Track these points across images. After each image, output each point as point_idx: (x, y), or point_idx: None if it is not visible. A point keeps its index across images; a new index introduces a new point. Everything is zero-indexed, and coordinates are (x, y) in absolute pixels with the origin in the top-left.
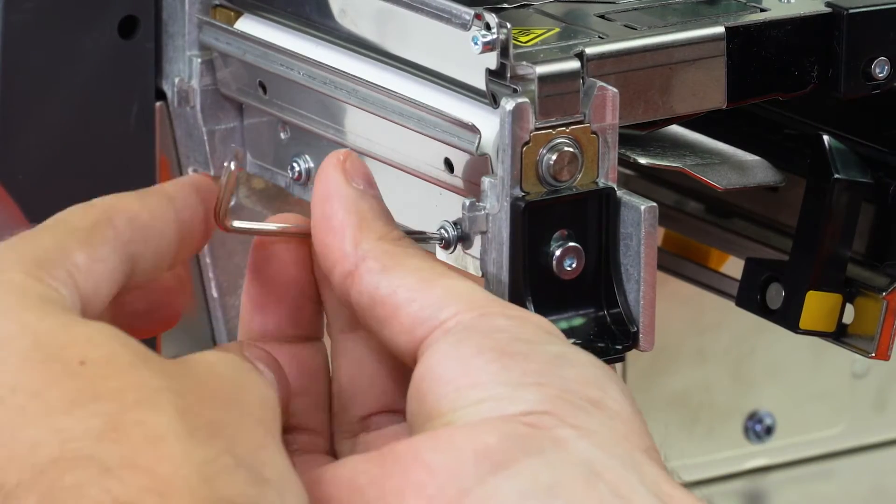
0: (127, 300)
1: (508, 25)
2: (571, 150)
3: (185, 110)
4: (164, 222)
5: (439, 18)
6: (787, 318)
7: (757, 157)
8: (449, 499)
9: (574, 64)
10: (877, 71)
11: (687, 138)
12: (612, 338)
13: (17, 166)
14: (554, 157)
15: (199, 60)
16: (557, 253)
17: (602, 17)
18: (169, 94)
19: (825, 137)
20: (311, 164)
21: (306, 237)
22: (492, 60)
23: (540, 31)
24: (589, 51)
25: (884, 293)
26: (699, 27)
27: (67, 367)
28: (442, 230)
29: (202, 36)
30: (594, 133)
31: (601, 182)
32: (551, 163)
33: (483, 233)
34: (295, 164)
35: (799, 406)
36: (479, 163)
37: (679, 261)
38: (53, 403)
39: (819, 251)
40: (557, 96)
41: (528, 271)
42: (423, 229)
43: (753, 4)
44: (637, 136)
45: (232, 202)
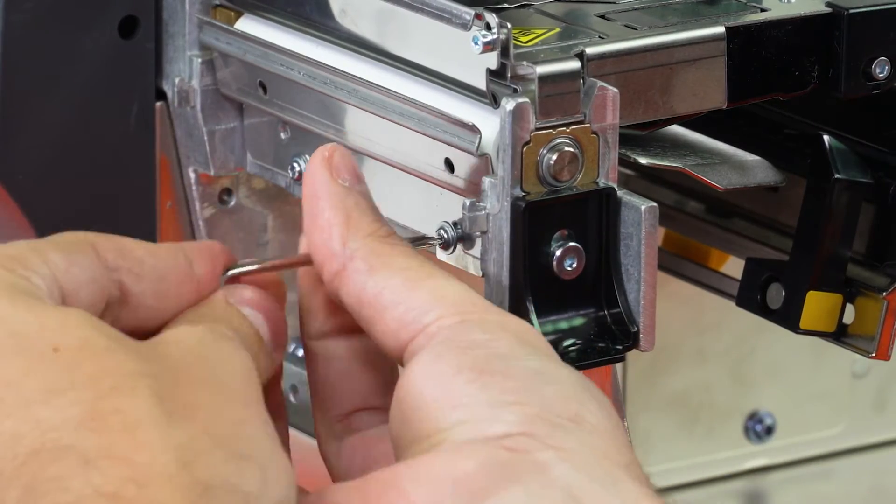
0: None
1: (509, 25)
2: (572, 150)
3: (185, 110)
4: (166, 264)
5: (440, 18)
6: (788, 318)
7: (757, 157)
8: None
9: (574, 64)
10: (877, 71)
11: (687, 138)
12: (613, 338)
13: (17, 166)
14: (554, 157)
15: (200, 60)
16: (558, 253)
17: (602, 17)
18: (169, 94)
19: (825, 137)
20: None
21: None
22: (492, 60)
23: (540, 31)
24: (589, 51)
25: (884, 293)
26: (699, 27)
27: (41, 354)
28: (441, 231)
29: (202, 36)
30: (594, 133)
31: (601, 182)
32: (552, 163)
33: (483, 233)
34: (295, 164)
35: (799, 406)
36: (480, 163)
37: (679, 261)
38: (30, 393)
39: (819, 251)
40: (558, 96)
41: (529, 271)
42: (424, 230)
43: (754, 4)
44: (637, 136)
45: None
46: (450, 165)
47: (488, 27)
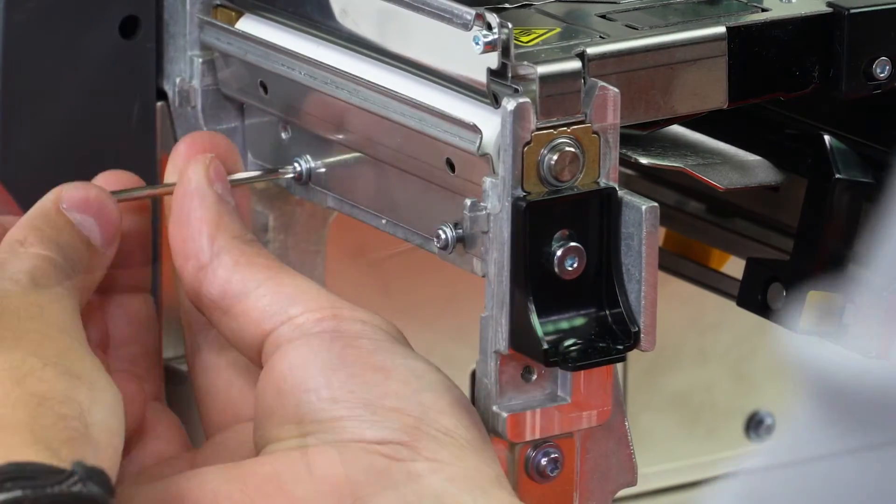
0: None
1: (509, 25)
2: (573, 150)
3: (186, 110)
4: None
5: (440, 18)
6: (788, 317)
7: (758, 157)
8: None
9: (575, 64)
10: (878, 71)
11: (688, 138)
12: (614, 338)
13: (18, 166)
14: (555, 157)
15: (201, 60)
16: (559, 253)
17: (603, 17)
18: (170, 94)
19: (826, 137)
20: (312, 164)
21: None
22: (493, 60)
23: (541, 31)
24: (590, 51)
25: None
26: (700, 27)
27: None
28: (440, 231)
29: (203, 36)
30: (595, 133)
31: (602, 182)
32: (552, 163)
33: (484, 233)
34: (296, 164)
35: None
36: (480, 163)
37: (680, 261)
38: None
39: (820, 251)
40: (559, 96)
41: (530, 271)
42: (423, 230)
43: (754, 4)
44: (638, 136)
45: None
46: (451, 165)
47: (489, 27)
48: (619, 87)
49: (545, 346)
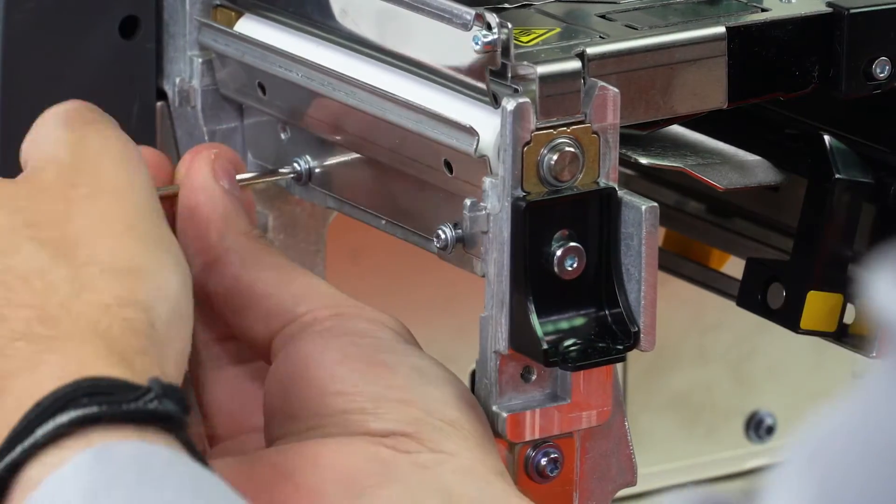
0: None
1: (509, 25)
2: (572, 149)
3: (186, 110)
4: None
5: (440, 18)
6: (788, 318)
7: (758, 157)
8: None
9: (575, 64)
10: (877, 71)
11: (688, 138)
12: (613, 338)
13: (18, 166)
14: (555, 157)
15: (200, 60)
16: (558, 253)
17: (603, 17)
18: (170, 94)
19: (826, 137)
20: (312, 164)
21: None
22: (493, 60)
23: (541, 31)
24: (590, 51)
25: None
26: (700, 27)
27: None
28: (440, 231)
29: (201, 37)
30: (595, 133)
31: (602, 182)
32: (552, 163)
33: (484, 233)
34: (296, 165)
35: (800, 406)
36: (478, 164)
37: (680, 261)
38: None
39: (820, 251)
40: (558, 96)
41: (529, 271)
42: (423, 230)
43: (754, 4)
44: (638, 136)
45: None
46: (448, 167)
47: (489, 27)
48: (618, 87)
49: (545, 346)
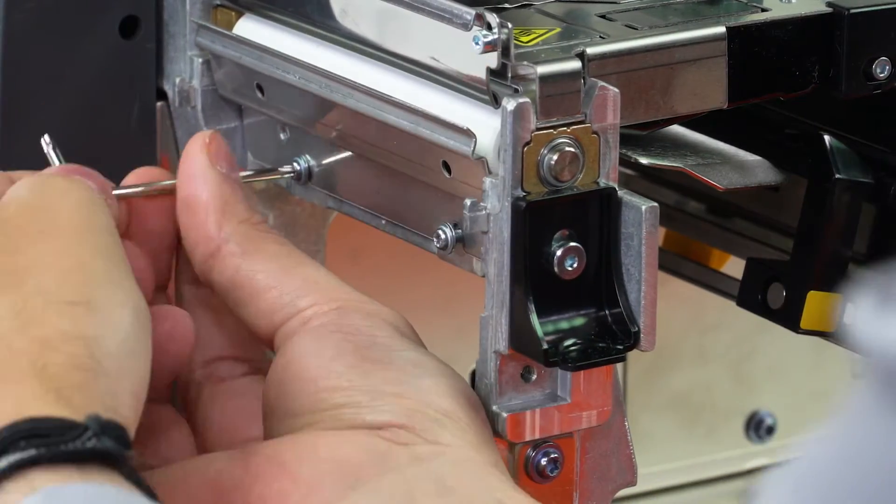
0: None
1: (509, 25)
2: (572, 149)
3: (186, 110)
4: None
5: (440, 18)
6: (788, 317)
7: (758, 157)
8: None
9: (575, 64)
10: (877, 71)
11: (688, 138)
12: (614, 338)
13: (18, 166)
14: (555, 157)
15: (200, 60)
16: (558, 253)
17: (603, 16)
18: (170, 94)
19: (826, 137)
20: (312, 164)
21: (170, 193)
22: (493, 60)
23: (541, 31)
24: (590, 51)
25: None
26: (700, 27)
27: None
28: (440, 231)
29: (198, 39)
30: (595, 133)
31: (602, 182)
32: (552, 163)
33: (484, 233)
34: (295, 164)
35: (800, 406)
36: (476, 166)
37: (680, 261)
38: None
39: (820, 251)
40: (558, 96)
41: (529, 271)
42: (423, 230)
43: (754, 4)
44: (638, 136)
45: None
46: (447, 168)
47: (489, 27)
48: (618, 87)
49: (545, 346)
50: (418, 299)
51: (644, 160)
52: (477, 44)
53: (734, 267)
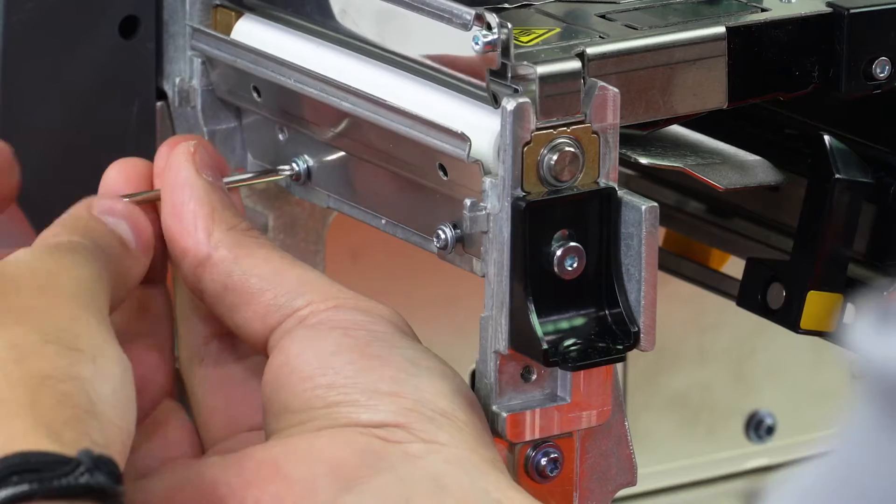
0: None
1: (509, 25)
2: (572, 149)
3: (186, 110)
4: None
5: (440, 18)
6: (788, 317)
7: (758, 157)
8: None
9: (575, 64)
10: (878, 71)
11: (688, 138)
12: (613, 338)
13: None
14: (555, 157)
15: (200, 60)
16: (558, 253)
17: (603, 17)
18: (170, 93)
19: (826, 137)
20: (311, 164)
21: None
22: (493, 60)
23: (541, 31)
24: (590, 51)
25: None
26: (700, 27)
27: None
28: (439, 231)
29: (194, 43)
30: (595, 133)
31: (602, 182)
32: (552, 163)
33: (484, 233)
34: (294, 165)
35: (800, 406)
36: (472, 168)
37: (680, 261)
38: None
39: (820, 251)
40: (558, 96)
41: (529, 271)
42: (422, 230)
43: (754, 4)
44: (638, 136)
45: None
46: (444, 170)
47: (489, 27)
48: (618, 87)
49: (545, 346)
50: (418, 299)
51: (644, 160)
52: (477, 44)
53: (734, 267)
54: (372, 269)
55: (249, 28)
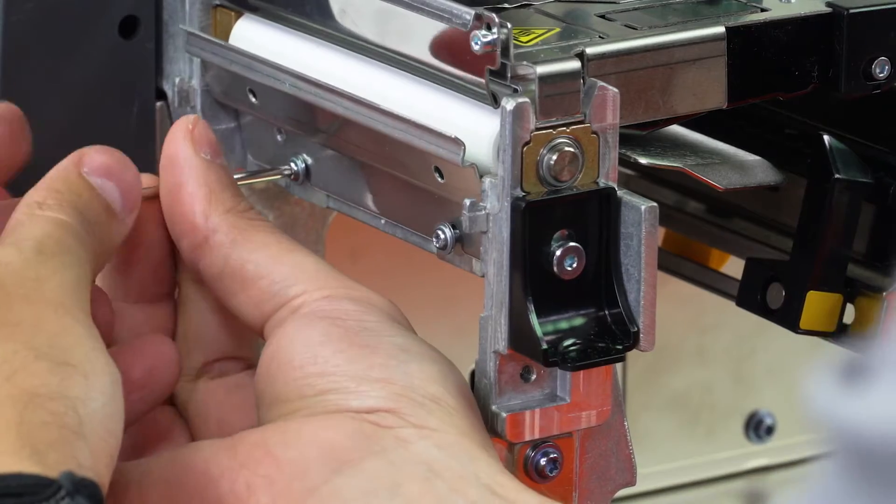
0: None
1: (509, 25)
2: (572, 149)
3: (185, 110)
4: None
5: (440, 18)
6: (788, 317)
7: (757, 157)
8: (296, 495)
9: (574, 64)
10: (877, 71)
11: (687, 138)
12: (613, 338)
13: None
14: (554, 157)
15: (200, 60)
16: (558, 253)
17: (602, 16)
18: (170, 94)
19: (826, 137)
20: (310, 164)
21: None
22: (492, 60)
23: (540, 31)
24: (589, 51)
25: (884, 293)
26: (700, 27)
27: None
28: (439, 231)
29: (189, 47)
30: (595, 133)
31: (602, 182)
32: (552, 163)
33: (483, 233)
34: (292, 164)
35: (799, 406)
36: (467, 172)
37: (679, 261)
38: None
39: (820, 251)
40: (558, 96)
41: (529, 271)
42: (422, 231)
43: (754, 4)
44: (637, 136)
45: None
46: (440, 173)
47: (488, 27)
48: (618, 87)
49: (544, 346)
50: (418, 299)
51: (644, 160)
52: (477, 44)
53: (734, 267)
54: (372, 269)
55: (249, 28)
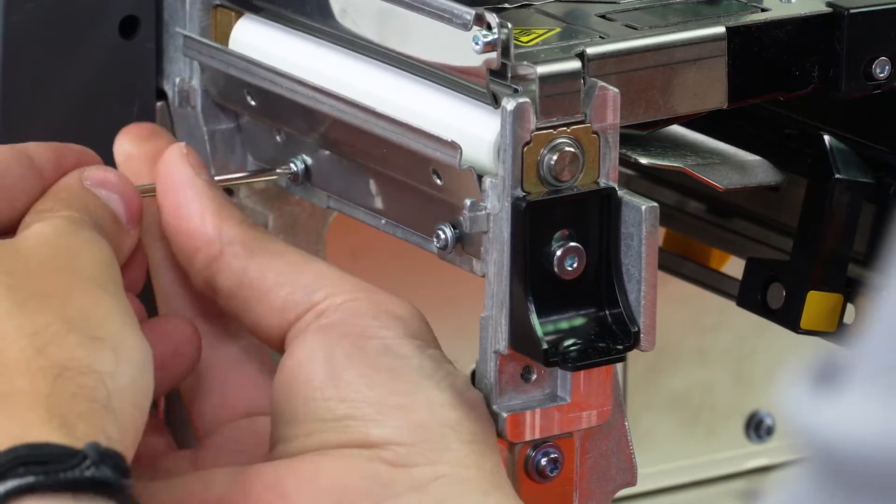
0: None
1: (509, 25)
2: (572, 150)
3: (186, 110)
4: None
5: (440, 18)
6: (788, 317)
7: (758, 157)
8: None
9: (575, 64)
10: (877, 71)
11: (688, 138)
12: (613, 338)
13: None
14: (555, 157)
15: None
16: (558, 253)
17: (603, 17)
18: (170, 94)
19: (826, 137)
20: (310, 164)
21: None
22: (493, 60)
23: (541, 31)
24: (590, 51)
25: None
26: (700, 27)
27: None
28: (439, 231)
29: (185, 51)
30: (595, 133)
31: (602, 182)
32: (552, 163)
33: (484, 233)
34: (292, 165)
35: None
36: (465, 175)
37: (680, 261)
38: None
39: (820, 251)
40: (558, 96)
41: (529, 271)
42: (421, 231)
43: (754, 4)
44: (638, 136)
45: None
46: (438, 175)
47: (489, 27)
48: (618, 87)
49: (545, 346)
50: (418, 299)
51: (644, 160)
52: (477, 44)
53: (734, 267)
54: (372, 269)
55: (249, 28)
